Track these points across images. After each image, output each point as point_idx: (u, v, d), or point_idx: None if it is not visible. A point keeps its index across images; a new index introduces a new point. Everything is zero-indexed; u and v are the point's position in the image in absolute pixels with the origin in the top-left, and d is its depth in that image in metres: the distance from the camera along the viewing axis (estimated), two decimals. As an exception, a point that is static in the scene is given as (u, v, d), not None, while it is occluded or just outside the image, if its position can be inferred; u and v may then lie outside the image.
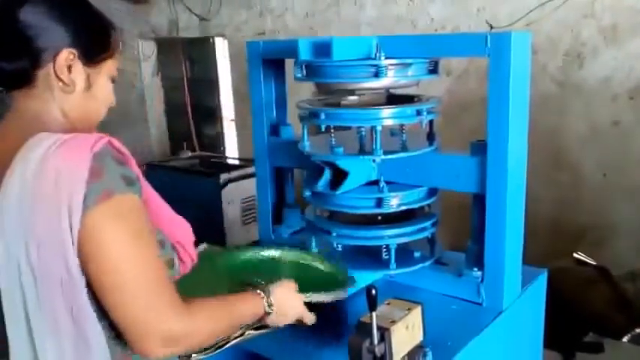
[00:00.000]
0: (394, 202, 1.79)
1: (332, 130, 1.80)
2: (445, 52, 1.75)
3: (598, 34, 3.18)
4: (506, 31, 1.62)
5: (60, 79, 1.09)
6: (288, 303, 1.38)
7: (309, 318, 1.43)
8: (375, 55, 1.68)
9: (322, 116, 1.73)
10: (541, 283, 1.91)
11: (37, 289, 0.99)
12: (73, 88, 1.11)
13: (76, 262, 0.98)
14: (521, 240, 1.77)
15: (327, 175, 1.80)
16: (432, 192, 1.85)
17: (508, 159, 1.60)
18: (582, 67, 3.25)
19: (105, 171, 0.99)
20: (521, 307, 1.76)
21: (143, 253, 1.03)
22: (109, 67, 1.17)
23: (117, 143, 1.04)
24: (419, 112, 1.72)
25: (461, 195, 1.80)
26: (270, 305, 1.32)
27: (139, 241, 1.03)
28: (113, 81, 1.20)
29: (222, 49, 5.60)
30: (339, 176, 1.75)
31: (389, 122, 1.71)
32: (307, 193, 1.89)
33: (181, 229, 1.24)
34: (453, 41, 1.73)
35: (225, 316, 1.20)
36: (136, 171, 1.07)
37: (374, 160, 1.75)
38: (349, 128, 1.94)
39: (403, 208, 1.79)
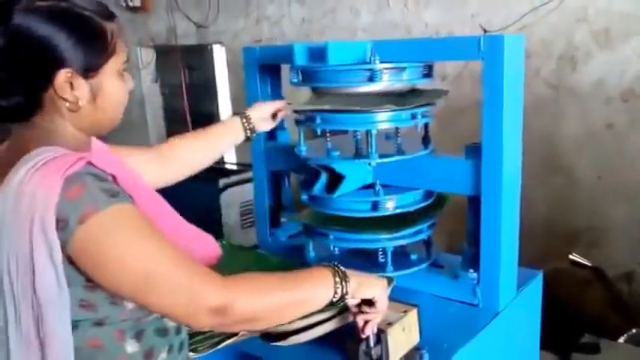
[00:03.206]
0: (390, 205, 1.80)
1: (328, 134, 1.82)
2: (439, 56, 1.76)
3: (591, 38, 3.20)
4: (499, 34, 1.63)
5: (64, 99, 1.06)
6: (365, 280, 1.31)
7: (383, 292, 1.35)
8: (370, 59, 1.69)
9: (318, 120, 1.74)
10: (537, 284, 1.91)
11: (15, 305, 0.99)
12: (78, 104, 1.08)
13: (47, 283, 0.97)
14: (517, 241, 1.78)
15: (323, 178, 1.81)
16: (428, 194, 1.86)
17: (503, 161, 1.60)
18: (575, 71, 3.27)
19: (83, 189, 0.97)
20: (517, 309, 1.77)
21: (154, 244, 1.03)
22: (111, 66, 1.12)
23: (99, 162, 1.04)
24: (414, 116, 1.73)
25: (456, 196, 1.81)
26: (341, 286, 1.23)
27: (145, 237, 1.02)
28: (124, 71, 1.16)
29: (220, 56, 5.61)
30: (336, 180, 1.77)
31: (384, 126, 1.72)
32: (304, 197, 1.90)
33: (193, 244, 1.22)
34: (446, 45, 1.74)
35: (277, 289, 1.14)
36: (127, 187, 1.06)
37: (369, 164, 1.76)
38: (345, 132, 1.95)
39: (399, 211, 1.80)
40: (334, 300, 1.23)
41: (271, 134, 2.11)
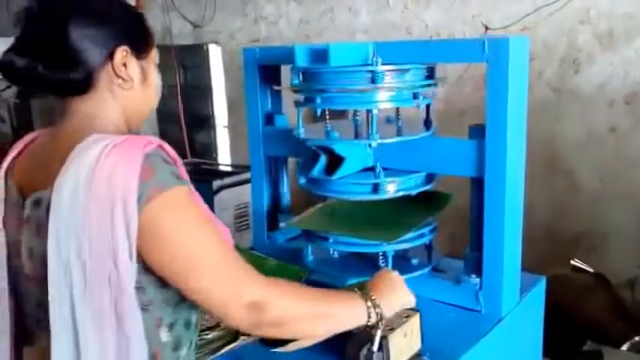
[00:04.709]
0: (391, 188, 1.76)
1: (327, 116, 1.79)
2: (443, 58, 1.74)
3: (594, 40, 3.19)
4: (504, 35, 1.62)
5: (120, 77, 1.15)
6: (394, 300, 1.37)
7: (414, 300, 1.42)
8: (372, 61, 1.67)
9: (318, 100, 1.71)
10: (540, 290, 1.89)
11: (85, 284, 1.02)
12: (132, 83, 1.18)
13: (126, 259, 1.02)
14: (520, 246, 1.76)
15: (322, 160, 1.78)
16: (430, 178, 1.83)
17: (507, 143, 1.58)
18: (578, 73, 3.26)
19: (155, 170, 1.03)
20: (520, 315, 1.75)
21: (207, 234, 1.09)
22: (153, 56, 1.25)
23: (167, 147, 1.10)
24: (415, 96, 1.70)
25: (458, 200, 1.79)
26: (375, 313, 1.29)
27: (200, 224, 1.09)
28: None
29: (215, 56, 5.59)
30: (335, 161, 1.73)
31: (385, 105, 1.69)
32: (302, 181, 1.86)
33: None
34: (450, 47, 1.72)
35: (312, 299, 1.20)
36: (184, 172, 1.12)
37: (370, 145, 1.72)
38: (345, 117, 1.92)
39: (400, 194, 1.77)
40: (369, 324, 1.29)
41: (269, 119, 2.08)
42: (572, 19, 3.23)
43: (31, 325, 1.18)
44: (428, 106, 1.82)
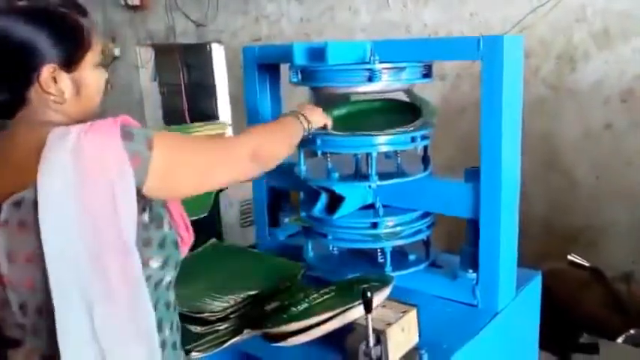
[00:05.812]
0: (390, 224, 1.82)
1: (328, 155, 1.82)
2: (438, 55, 1.76)
3: (590, 38, 3.19)
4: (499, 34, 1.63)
5: (49, 93, 1.10)
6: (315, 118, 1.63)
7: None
8: (369, 59, 1.69)
9: (318, 142, 1.75)
10: (536, 284, 1.91)
11: (91, 263, 1.03)
12: (63, 97, 1.12)
13: (128, 228, 1.04)
14: (516, 241, 1.78)
15: (323, 199, 1.84)
16: (427, 214, 1.89)
17: (502, 158, 1.61)
18: (574, 71, 3.27)
19: (133, 133, 1.08)
20: (516, 309, 1.77)
21: (199, 142, 1.30)
22: (89, 60, 1.15)
23: (131, 120, 1.13)
24: (413, 139, 1.74)
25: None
26: (307, 123, 1.59)
27: (191, 139, 1.26)
28: (99, 64, 1.20)
29: (218, 54, 5.61)
30: (336, 200, 1.78)
31: (384, 149, 1.74)
32: (304, 215, 1.92)
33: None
34: (446, 45, 1.74)
35: (275, 130, 1.50)
36: None
37: (370, 186, 1.77)
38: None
39: (399, 229, 1.82)
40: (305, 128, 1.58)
41: None
42: (568, 17, 3.24)
43: (14, 330, 1.13)
44: (425, 146, 1.85)
